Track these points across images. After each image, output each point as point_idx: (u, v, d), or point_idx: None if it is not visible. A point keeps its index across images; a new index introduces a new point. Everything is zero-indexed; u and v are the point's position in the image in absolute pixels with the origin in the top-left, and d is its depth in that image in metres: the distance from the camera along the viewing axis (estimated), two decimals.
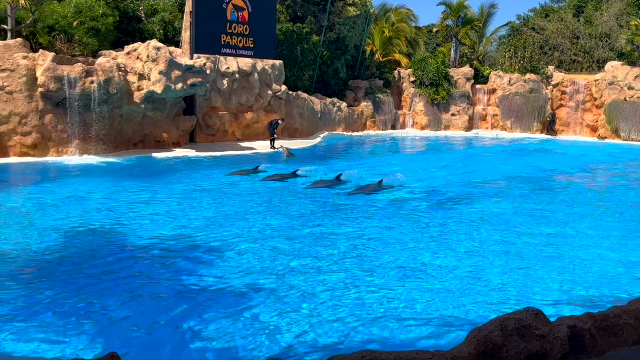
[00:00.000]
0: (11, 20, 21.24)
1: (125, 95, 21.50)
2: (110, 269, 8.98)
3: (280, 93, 28.64)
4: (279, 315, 7.32)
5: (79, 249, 9.94)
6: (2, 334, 6.56)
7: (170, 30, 26.79)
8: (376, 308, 7.64)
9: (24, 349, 6.23)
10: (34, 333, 6.62)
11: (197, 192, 15.25)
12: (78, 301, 7.61)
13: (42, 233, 10.75)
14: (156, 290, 8.10)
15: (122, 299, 7.70)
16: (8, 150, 19.54)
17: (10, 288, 8.04)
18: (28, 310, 7.24)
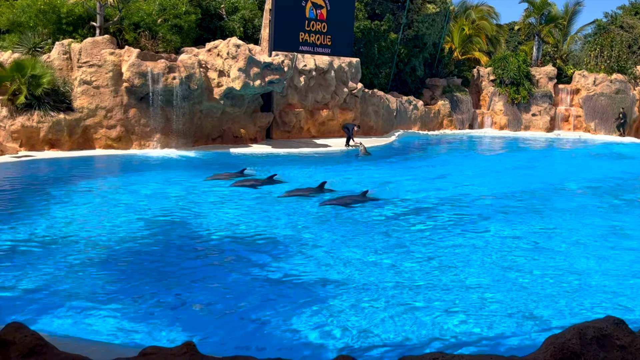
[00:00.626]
0: (100, 18, 22.10)
1: (206, 92, 22.01)
2: (187, 258, 9.23)
3: (356, 91, 28.61)
4: (352, 309, 7.32)
5: (158, 239, 10.26)
6: (82, 320, 6.85)
7: (250, 27, 27.21)
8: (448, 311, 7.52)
9: (102, 335, 6.47)
10: (113, 320, 6.88)
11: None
12: (155, 289, 7.86)
13: (125, 222, 11.16)
14: (232, 280, 8.25)
15: (199, 288, 7.89)
16: (94, 142, 20.37)
17: (92, 274, 8.38)
18: (108, 297, 7.53)
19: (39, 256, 9.05)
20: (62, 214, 11.66)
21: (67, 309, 7.15)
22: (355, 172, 19.26)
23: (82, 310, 7.10)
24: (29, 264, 8.63)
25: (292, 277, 8.54)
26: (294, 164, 20.17)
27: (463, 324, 7.18)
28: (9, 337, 4.48)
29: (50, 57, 20.45)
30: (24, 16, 22.31)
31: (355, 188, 15.55)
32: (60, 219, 11.29)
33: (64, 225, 10.88)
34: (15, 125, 18.83)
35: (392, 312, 7.39)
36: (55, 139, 19.48)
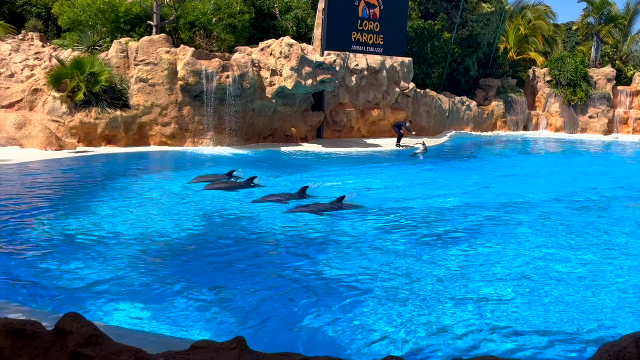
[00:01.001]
0: (156, 17, 22.55)
1: (258, 90, 22.21)
2: (239, 256, 9.33)
3: (408, 91, 28.42)
4: (398, 315, 7.28)
5: (211, 234, 10.41)
6: (136, 311, 7.00)
7: (302, 27, 27.33)
8: (498, 317, 7.39)
9: (155, 328, 6.60)
10: (165, 313, 7.00)
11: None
12: (207, 284, 7.97)
13: (180, 217, 11.36)
14: (283, 279, 8.30)
15: (251, 286, 7.96)
16: (149, 139, 20.79)
17: (146, 267, 8.55)
18: (161, 290, 7.67)
19: (96, 249, 9.29)
20: (117, 208, 11.94)
21: (121, 300, 7.32)
22: (398, 172, 19.06)
23: (136, 302, 7.26)
24: (85, 256, 8.87)
25: (340, 277, 8.55)
26: (342, 163, 20.18)
27: (514, 330, 7.05)
28: (66, 326, 4.61)
29: (108, 55, 20.96)
30: (84, 15, 22.93)
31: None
32: (116, 213, 11.56)
33: (119, 218, 11.14)
34: (74, 121, 19.37)
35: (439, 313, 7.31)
36: (112, 135, 19.96)
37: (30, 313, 6.18)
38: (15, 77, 20.43)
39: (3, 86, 20.00)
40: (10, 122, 18.58)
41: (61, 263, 8.54)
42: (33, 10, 27.28)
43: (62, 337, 4.59)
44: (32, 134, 18.37)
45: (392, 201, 14.00)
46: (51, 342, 4.63)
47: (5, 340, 4.72)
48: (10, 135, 18.29)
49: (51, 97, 19.52)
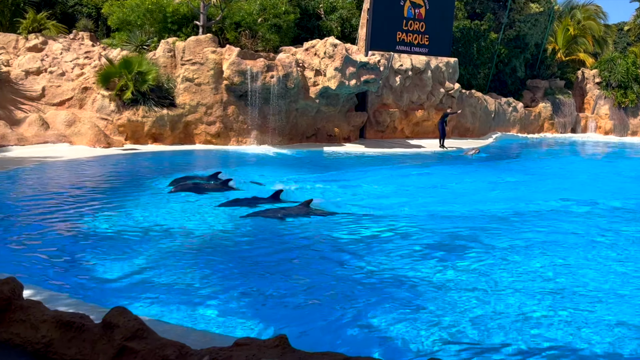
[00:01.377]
0: (203, 17, 22.84)
1: (302, 90, 22.29)
2: (285, 255, 9.37)
3: (453, 91, 28.14)
4: (444, 315, 7.21)
5: (253, 232, 10.49)
6: (180, 307, 7.10)
7: (347, 27, 27.32)
8: (562, 330, 7.23)
9: (198, 324, 6.67)
10: (209, 309, 7.08)
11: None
12: (249, 281, 8.03)
13: (223, 214, 11.47)
14: (329, 279, 8.31)
15: (296, 285, 7.99)
16: (194, 138, 21.07)
17: (191, 263, 8.66)
18: (205, 286, 7.76)
19: (141, 244, 9.45)
20: (161, 204, 12.12)
21: (164, 295, 7.42)
22: (438, 173, 18.83)
23: (179, 298, 7.36)
24: (131, 251, 9.03)
25: (388, 276, 8.51)
26: (384, 164, 20.09)
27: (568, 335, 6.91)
28: (113, 320, 4.70)
29: (155, 54, 21.32)
30: (133, 15, 23.38)
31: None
32: (160, 209, 11.74)
33: (164, 214, 11.31)
34: (122, 119, 19.76)
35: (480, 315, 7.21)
36: (158, 133, 20.29)
37: (79, 306, 6.32)
38: (66, 76, 20.94)
39: (54, 84, 20.52)
40: (61, 119, 19.07)
41: (107, 257, 8.72)
42: (84, 10, 27.92)
43: (109, 331, 4.68)
44: (82, 132, 18.81)
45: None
46: (99, 335, 4.73)
47: (55, 332, 4.84)
48: (60, 132, 18.76)
49: (100, 95, 19.95)
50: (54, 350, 4.80)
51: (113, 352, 4.60)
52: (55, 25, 23.97)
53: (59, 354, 4.79)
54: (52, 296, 6.71)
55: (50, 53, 21.69)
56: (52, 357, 4.80)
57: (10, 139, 17.68)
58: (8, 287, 5.30)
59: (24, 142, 17.84)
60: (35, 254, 8.73)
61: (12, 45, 21.68)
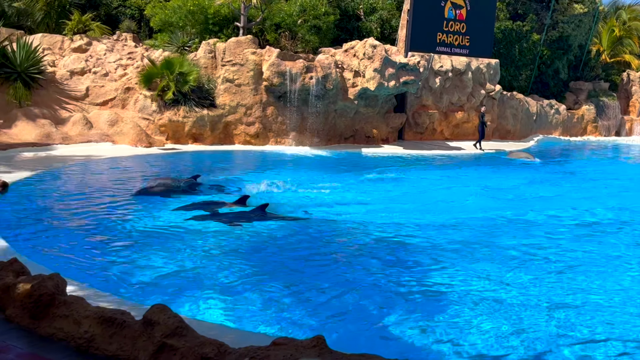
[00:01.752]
0: (243, 19, 23.02)
1: (340, 91, 22.28)
2: (324, 257, 9.38)
3: (494, 93, 27.79)
4: (485, 322, 7.12)
5: (290, 233, 10.52)
6: (218, 306, 7.16)
7: (387, 28, 27.21)
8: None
9: (236, 322, 6.72)
10: (247, 308, 7.13)
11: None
12: (288, 282, 8.05)
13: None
14: (368, 282, 8.29)
15: (334, 286, 7.99)
16: (233, 138, 21.24)
17: (230, 263, 8.73)
18: (244, 286, 7.81)
19: (180, 242, 9.56)
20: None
21: (203, 294, 7.50)
22: (471, 176, 18.56)
23: (217, 297, 7.43)
24: (171, 249, 9.15)
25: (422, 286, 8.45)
26: (422, 166, 19.95)
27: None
28: (154, 317, 4.77)
29: (196, 55, 21.56)
30: (175, 17, 23.70)
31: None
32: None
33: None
34: (163, 119, 20.03)
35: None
36: (199, 133, 20.52)
37: (120, 303, 6.42)
38: (109, 76, 21.33)
39: (98, 85, 20.92)
40: (104, 119, 19.43)
41: (147, 255, 8.85)
42: (127, 12, 28.40)
43: (149, 328, 4.75)
44: (124, 131, 19.13)
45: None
46: (139, 332, 4.80)
47: (97, 328, 4.93)
48: (103, 131, 19.12)
49: (142, 95, 20.27)
50: (96, 346, 4.90)
51: (153, 348, 4.67)
52: (100, 26, 24.45)
53: (100, 349, 4.88)
54: (94, 293, 6.84)
55: (94, 54, 22.13)
56: (94, 353, 4.89)
57: (55, 137, 18.08)
58: (52, 283, 5.42)
59: (68, 141, 18.23)
60: (78, 250, 8.91)
61: (57, 46, 22.18)
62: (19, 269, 5.94)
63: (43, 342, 4.99)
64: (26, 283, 5.46)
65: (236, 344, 4.74)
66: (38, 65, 20.06)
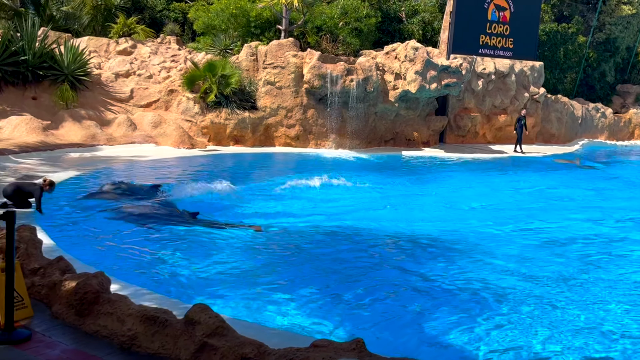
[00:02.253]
0: (285, 21, 23.14)
1: (381, 94, 22.20)
2: (363, 260, 9.36)
3: (538, 96, 27.33)
4: (524, 325, 7.01)
5: (334, 236, 10.52)
6: (258, 306, 7.20)
7: (429, 30, 27.02)
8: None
9: (276, 323, 6.75)
10: (288, 310, 7.15)
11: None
12: (328, 284, 8.06)
13: (304, 218, 11.57)
14: (408, 285, 8.24)
15: (373, 290, 7.96)
16: (274, 140, 21.36)
17: (271, 264, 8.78)
18: (285, 287, 7.84)
19: (221, 243, 9.65)
20: (243, 204, 12.34)
21: (243, 294, 7.55)
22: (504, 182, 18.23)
23: (257, 297, 7.47)
24: (211, 250, 9.24)
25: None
26: (464, 169, 19.74)
27: None
28: (195, 317, 4.83)
29: (238, 58, 21.75)
30: (217, 20, 23.96)
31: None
32: (241, 209, 11.95)
33: (246, 214, 11.50)
34: (206, 121, 20.26)
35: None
36: (240, 135, 20.69)
37: (162, 301, 6.51)
38: (153, 79, 21.68)
39: (142, 87, 21.28)
40: (148, 120, 19.76)
41: (189, 254, 8.95)
42: (171, 15, 28.85)
43: (190, 327, 4.81)
44: (167, 133, 19.41)
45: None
46: (181, 331, 4.86)
47: (139, 326, 5.01)
48: (147, 133, 19.44)
49: (185, 97, 20.54)
50: (139, 344, 4.97)
51: (194, 348, 4.72)
52: (144, 29, 24.88)
53: (142, 347, 4.96)
54: (136, 291, 6.94)
55: (138, 56, 22.53)
56: (136, 350, 4.97)
57: (100, 138, 18.45)
58: (97, 281, 5.53)
59: (113, 142, 18.58)
60: (122, 249, 9.07)
61: (103, 49, 22.66)
62: (65, 267, 6.08)
63: (87, 339, 5.09)
64: (72, 281, 5.58)
65: (276, 344, 4.76)
66: (84, 68, 20.51)
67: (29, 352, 4.79)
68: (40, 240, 6.80)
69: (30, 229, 6.80)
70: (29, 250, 6.36)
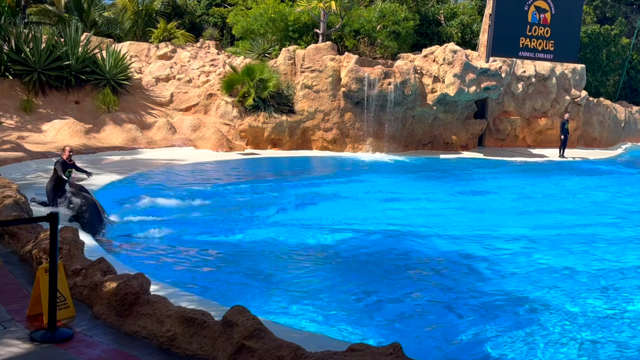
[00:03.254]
0: (323, 25, 23.19)
1: (419, 97, 22.07)
2: (403, 265, 9.31)
3: (580, 99, 26.83)
4: (565, 333, 6.87)
5: (374, 241, 10.49)
6: (295, 310, 7.21)
7: (467, 33, 26.79)
8: None
9: (313, 327, 6.75)
10: (324, 313, 7.15)
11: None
12: (367, 289, 8.03)
13: (348, 222, 11.56)
14: (446, 293, 8.17)
15: (408, 294, 7.91)
16: (311, 144, 21.40)
17: (309, 268, 8.79)
18: (321, 291, 7.84)
19: (257, 246, 9.70)
20: (283, 209, 12.39)
21: (280, 298, 7.57)
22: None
23: (295, 301, 7.48)
24: (250, 252, 9.30)
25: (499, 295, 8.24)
26: (503, 173, 19.47)
27: None
28: (233, 319, 4.85)
29: (276, 62, 21.88)
30: (256, 24, 24.14)
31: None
32: (281, 212, 12.00)
33: (286, 217, 11.55)
34: (244, 125, 20.42)
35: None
36: (277, 138, 20.79)
37: (200, 303, 6.57)
38: (192, 83, 21.95)
39: (182, 91, 21.56)
40: (187, 124, 20.00)
41: (226, 256, 9.02)
42: (210, 20, 29.19)
43: (228, 329, 4.83)
44: (206, 136, 19.62)
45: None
46: (219, 333, 4.89)
47: (178, 327, 5.06)
48: (186, 136, 19.67)
49: (224, 101, 20.74)
50: (177, 345, 5.03)
51: (232, 349, 4.74)
52: (184, 34, 25.23)
53: (181, 348, 5.01)
54: (175, 292, 7.02)
55: (178, 61, 22.83)
56: (175, 351, 5.02)
57: (141, 142, 18.74)
58: (137, 282, 5.61)
59: (153, 145, 18.85)
60: (161, 252, 9.18)
61: (144, 54, 23.03)
62: (106, 268, 6.18)
63: (127, 339, 5.16)
64: (112, 282, 5.67)
65: (313, 347, 4.75)
66: (125, 72, 20.88)
67: (70, 352, 4.88)
68: (82, 242, 6.93)
69: (73, 230, 6.94)
70: (71, 252, 6.48)
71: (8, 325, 5.28)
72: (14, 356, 4.75)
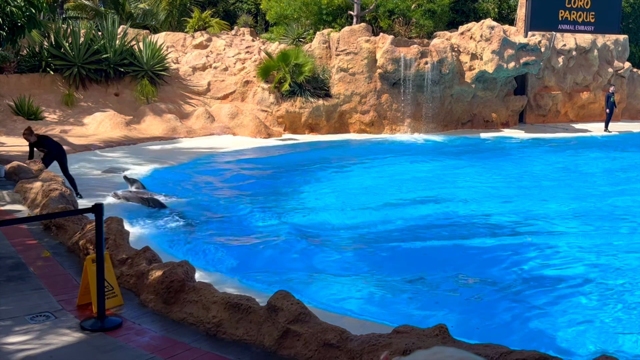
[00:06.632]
0: (357, 7, 22.99)
1: (457, 76, 21.77)
2: (448, 249, 9.25)
3: (623, 71, 26.10)
4: (615, 313, 6.73)
5: (415, 223, 10.44)
6: (339, 294, 7.22)
7: (505, 8, 26.24)
8: None
9: (357, 310, 6.75)
10: (369, 296, 7.15)
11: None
12: (408, 271, 7.99)
13: (385, 205, 11.52)
14: (488, 271, 8.08)
15: (453, 276, 7.85)
16: (349, 127, 21.33)
17: (352, 252, 8.79)
18: (363, 275, 7.84)
19: (299, 232, 9.73)
20: (321, 195, 12.40)
21: (323, 282, 7.59)
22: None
23: (339, 285, 7.49)
24: (290, 238, 9.33)
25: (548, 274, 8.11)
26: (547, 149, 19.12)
27: None
28: (277, 303, 4.88)
29: (311, 46, 21.80)
30: (290, 9, 24.07)
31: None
32: (319, 199, 12.01)
33: (324, 205, 11.55)
34: (281, 110, 20.45)
35: None
36: (315, 123, 20.78)
37: (244, 288, 6.63)
38: (228, 71, 22.04)
39: (218, 79, 21.68)
40: (225, 112, 20.13)
41: (269, 242, 9.07)
42: (244, 7, 29.22)
43: (273, 313, 4.87)
44: (244, 123, 19.72)
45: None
46: (264, 318, 4.93)
47: (224, 313, 5.11)
48: (224, 124, 19.81)
49: (260, 88, 20.79)
50: (224, 331, 5.08)
51: (277, 334, 4.78)
52: (219, 22, 25.32)
53: (227, 334, 5.06)
54: (219, 279, 7.10)
55: (214, 49, 22.95)
56: (221, 337, 5.08)
57: (180, 131, 18.94)
58: (182, 270, 5.68)
59: (192, 134, 19.04)
60: (206, 239, 9.29)
61: (180, 44, 23.21)
62: (151, 257, 6.27)
63: (174, 326, 5.24)
64: (158, 270, 5.76)
65: (357, 331, 4.76)
66: (163, 63, 21.09)
67: (120, 339, 4.98)
68: (127, 232, 7.04)
69: (117, 221, 7.06)
70: (117, 241, 6.60)
71: (59, 315, 5.41)
72: (66, 345, 4.87)
